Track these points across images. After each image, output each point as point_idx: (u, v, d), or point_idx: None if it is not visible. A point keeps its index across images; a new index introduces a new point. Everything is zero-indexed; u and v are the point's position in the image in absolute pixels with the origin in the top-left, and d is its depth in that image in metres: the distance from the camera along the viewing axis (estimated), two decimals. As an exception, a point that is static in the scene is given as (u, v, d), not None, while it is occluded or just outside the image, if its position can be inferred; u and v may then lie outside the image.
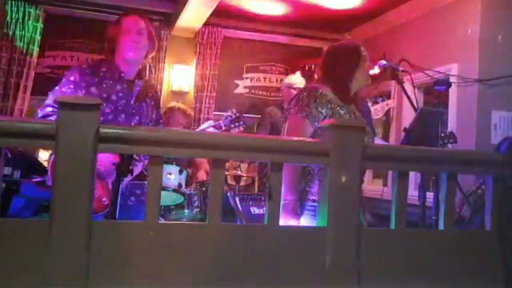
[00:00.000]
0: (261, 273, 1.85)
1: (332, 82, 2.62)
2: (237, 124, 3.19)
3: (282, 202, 2.28)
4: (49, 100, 2.62)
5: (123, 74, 2.70)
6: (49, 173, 2.50)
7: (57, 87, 2.64)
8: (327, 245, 1.89)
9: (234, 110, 3.23)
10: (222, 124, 3.11)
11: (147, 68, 6.17)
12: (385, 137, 5.63)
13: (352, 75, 2.65)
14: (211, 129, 3.03)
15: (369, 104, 3.37)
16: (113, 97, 2.63)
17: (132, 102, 2.70)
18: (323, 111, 2.51)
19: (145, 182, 2.59)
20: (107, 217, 2.31)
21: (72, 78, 2.64)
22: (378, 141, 2.08)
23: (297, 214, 2.45)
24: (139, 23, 2.75)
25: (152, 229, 1.77)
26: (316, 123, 2.47)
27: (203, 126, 3.08)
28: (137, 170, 2.68)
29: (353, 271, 1.90)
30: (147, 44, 2.76)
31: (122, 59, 2.71)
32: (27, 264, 1.67)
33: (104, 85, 2.64)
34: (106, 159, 2.38)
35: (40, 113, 2.59)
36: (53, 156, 2.52)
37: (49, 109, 2.57)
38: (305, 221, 2.44)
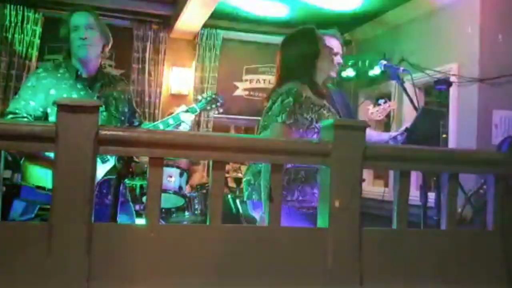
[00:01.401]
0: (262, 275, 1.84)
1: (307, 79, 2.55)
2: (213, 106, 3.00)
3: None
4: (10, 107, 2.64)
5: (79, 73, 2.68)
6: None
7: (16, 95, 2.68)
8: (328, 246, 1.88)
9: (209, 91, 3.07)
10: (197, 108, 2.92)
11: (146, 70, 6.19)
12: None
13: (316, 65, 2.60)
14: (184, 114, 2.83)
15: (370, 105, 3.35)
16: (74, 96, 2.61)
17: (95, 98, 2.66)
18: (308, 116, 2.46)
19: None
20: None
21: (28, 84, 2.66)
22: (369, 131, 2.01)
23: None
24: (87, 18, 2.67)
25: (153, 231, 1.76)
26: (301, 130, 2.44)
27: (176, 111, 2.89)
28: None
29: (355, 272, 1.89)
30: (99, 38, 2.69)
31: (77, 58, 2.68)
32: (28, 268, 1.66)
33: (63, 86, 2.63)
34: None
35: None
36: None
37: (9, 116, 2.59)
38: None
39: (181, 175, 4.72)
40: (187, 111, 2.87)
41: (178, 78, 6.47)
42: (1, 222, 1.81)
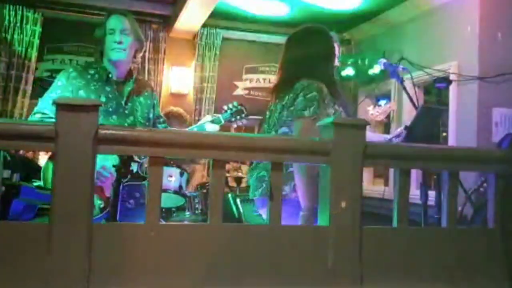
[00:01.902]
0: (263, 274, 1.83)
1: (327, 78, 2.51)
2: (238, 117, 2.92)
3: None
4: (38, 107, 2.64)
5: (110, 75, 2.69)
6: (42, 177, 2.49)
7: (45, 94, 2.66)
8: (329, 244, 1.88)
9: (235, 102, 2.99)
10: (222, 119, 2.87)
11: (146, 69, 6.18)
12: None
13: (334, 64, 2.59)
14: (209, 125, 2.82)
15: (370, 106, 3.36)
16: (103, 99, 2.62)
17: (123, 102, 2.69)
18: (329, 111, 2.43)
19: (143, 182, 2.57)
20: (108, 219, 2.30)
21: (59, 83, 2.66)
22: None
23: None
24: (123, 22, 2.70)
25: (153, 230, 1.75)
26: None
27: (201, 121, 2.88)
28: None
29: (356, 271, 1.89)
30: (133, 43, 2.72)
31: (109, 61, 2.69)
32: (28, 268, 1.65)
33: (92, 87, 2.64)
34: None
35: (29, 120, 2.59)
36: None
37: (38, 115, 2.59)
38: None
39: (181, 174, 4.72)
40: (212, 121, 2.85)
41: (178, 78, 6.46)
42: (1, 222, 1.81)
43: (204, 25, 6.25)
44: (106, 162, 2.45)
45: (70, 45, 6.16)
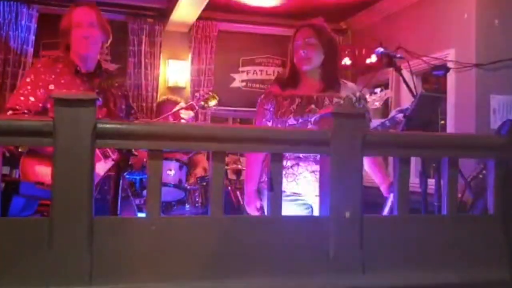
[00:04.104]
0: (264, 265, 1.83)
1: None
2: (210, 103, 3.03)
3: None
4: (9, 103, 2.63)
5: (78, 68, 2.66)
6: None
7: (15, 90, 2.65)
8: (330, 235, 1.88)
9: (205, 89, 3.10)
10: (195, 104, 2.95)
11: (142, 63, 6.17)
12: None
13: None
14: (183, 111, 2.86)
15: (367, 94, 3.35)
16: (74, 92, 2.59)
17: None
18: None
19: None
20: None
21: (28, 80, 2.64)
22: None
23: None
24: (90, 15, 2.66)
25: (154, 224, 1.75)
26: None
27: (175, 109, 2.92)
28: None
29: (357, 260, 1.89)
30: (100, 35, 2.69)
31: (77, 54, 2.67)
32: (29, 264, 1.65)
33: (62, 81, 2.62)
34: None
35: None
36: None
37: (9, 112, 2.58)
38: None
39: (180, 168, 4.72)
40: (185, 108, 2.89)
41: (174, 71, 6.45)
42: (1, 218, 1.80)
43: (199, 18, 6.23)
44: None
45: (66, 41, 6.13)
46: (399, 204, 2.00)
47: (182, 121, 2.81)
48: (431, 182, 2.66)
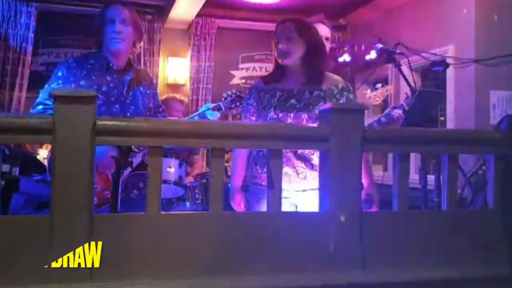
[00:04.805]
0: (265, 261, 1.84)
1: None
2: (238, 104, 3.00)
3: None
4: (40, 98, 2.61)
5: (111, 65, 2.68)
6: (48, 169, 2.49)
7: (46, 85, 2.64)
8: (330, 230, 1.88)
9: (233, 90, 3.07)
10: (222, 105, 2.95)
11: (141, 60, 6.15)
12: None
13: None
14: (210, 112, 2.89)
15: (368, 90, 3.35)
16: (104, 88, 2.60)
17: (124, 92, 2.68)
18: None
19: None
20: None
21: (59, 74, 2.63)
22: None
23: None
24: (122, 12, 2.69)
25: (154, 220, 1.75)
26: None
27: (201, 109, 2.94)
28: (136, 160, 2.66)
29: (357, 255, 1.89)
30: (133, 33, 2.71)
31: (108, 51, 2.68)
32: (30, 261, 1.65)
33: (93, 77, 2.62)
34: (103, 152, 2.36)
35: (32, 112, 2.57)
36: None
37: (40, 107, 2.57)
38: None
39: (180, 165, 4.71)
40: (213, 109, 2.92)
41: (174, 68, 6.44)
42: (2, 216, 1.80)
43: (199, 15, 6.21)
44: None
45: (65, 39, 6.13)
46: (399, 200, 2.01)
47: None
48: (431, 178, 2.66)
